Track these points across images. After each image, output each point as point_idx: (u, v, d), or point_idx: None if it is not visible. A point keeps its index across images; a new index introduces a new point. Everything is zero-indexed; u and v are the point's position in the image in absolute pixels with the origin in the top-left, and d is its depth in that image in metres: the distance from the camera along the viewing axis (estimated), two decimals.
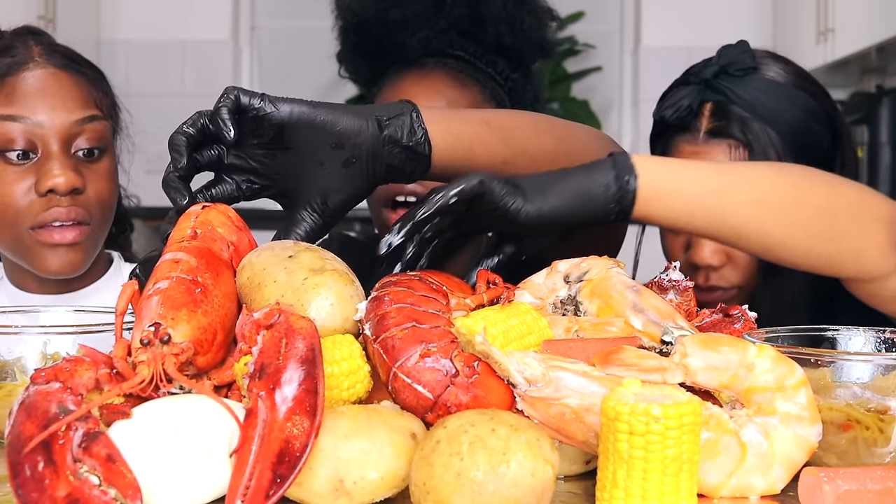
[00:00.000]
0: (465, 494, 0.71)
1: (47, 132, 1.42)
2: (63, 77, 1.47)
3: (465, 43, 1.67)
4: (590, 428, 0.79)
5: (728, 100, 1.41)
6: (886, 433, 0.87)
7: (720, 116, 1.41)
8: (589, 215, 1.00)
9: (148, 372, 0.80)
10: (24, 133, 1.41)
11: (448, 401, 0.81)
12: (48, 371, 0.77)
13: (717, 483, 0.80)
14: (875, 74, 4.35)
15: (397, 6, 1.65)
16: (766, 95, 1.42)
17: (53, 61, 1.48)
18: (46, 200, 1.41)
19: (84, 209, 1.43)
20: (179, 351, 0.82)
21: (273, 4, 5.11)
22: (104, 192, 1.47)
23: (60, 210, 1.41)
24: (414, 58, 1.66)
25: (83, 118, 1.45)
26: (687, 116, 1.43)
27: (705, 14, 4.70)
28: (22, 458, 0.71)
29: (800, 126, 1.41)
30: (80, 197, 1.43)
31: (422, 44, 1.65)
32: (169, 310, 0.84)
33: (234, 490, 0.71)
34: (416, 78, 1.64)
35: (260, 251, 0.95)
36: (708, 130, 1.41)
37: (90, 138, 1.45)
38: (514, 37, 1.68)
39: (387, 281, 0.93)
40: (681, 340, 0.84)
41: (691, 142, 1.42)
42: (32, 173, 1.42)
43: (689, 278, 1.08)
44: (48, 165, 1.41)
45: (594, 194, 1.00)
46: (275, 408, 0.74)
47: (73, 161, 1.44)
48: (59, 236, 1.42)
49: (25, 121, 1.41)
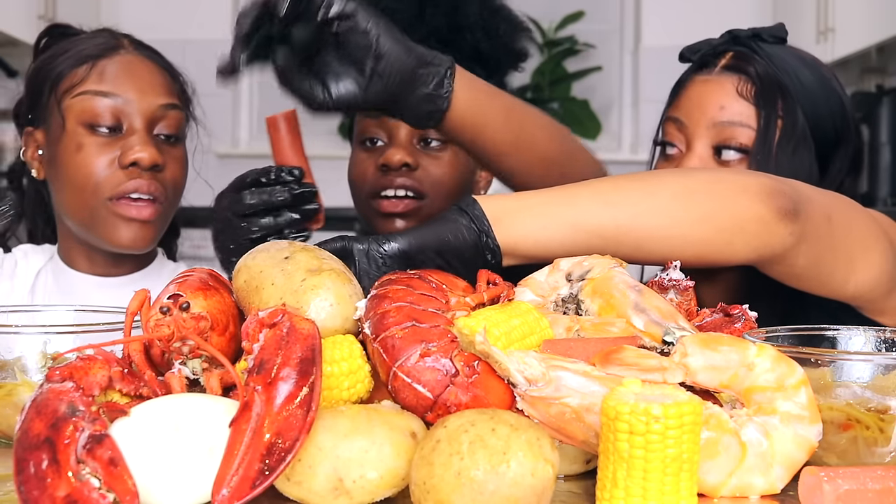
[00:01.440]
0: (465, 494, 0.71)
1: (134, 111, 1.51)
2: (150, 64, 1.57)
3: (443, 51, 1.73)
4: (590, 427, 0.79)
5: (753, 52, 1.43)
6: (886, 433, 0.87)
7: (740, 59, 1.42)
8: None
9: (169, 330, 0.84)
10: (113, 109, 1.50)
11: (448, 400, 0.81)
12: (63, 369, 0.78)
13: (718, 483, 0.80)
14: (875, 74, 4.35)
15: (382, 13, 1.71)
16: (791, 61, 1.44)
17: (141, 50, 1.58)
18: (128, 173, 1.49)
19: (161, 186, 1.51)
20: (198, 318, 0.86)
21: None
22: (178, 175, 1.56)
23: (141, 182, 1.49)
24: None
25: (166, 104, 1.54)
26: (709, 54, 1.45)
27: (705, 14, 4.69)
28: (27, 455, 0.72)
29: (814, 95, 1.41)
30: (159, 174, 1.51)
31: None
32: (186, 288, 0.88)
33: (222, 479, 0.72)
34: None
35: (255, 253, 0.95)
36: (724, 66, 1.42)
37: (170, 125, 1.54)
38: (490, 44, 1.75)
39: (386, 279, 0.92)
40: (681, 340, 0.84)
41: (705, 74, 1.43)
42: (117, 147, 1.50)
43: (689, 277, 1.08)
44: (132, 140, 1.50)
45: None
46: (269, 402, 0.75)
47: (155, 140, 1.53)
48: (135, 211, 1.49)
49: (116, 98, 1.51)
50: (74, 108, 1.51)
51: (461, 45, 1.73)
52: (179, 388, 0.84)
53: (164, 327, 0.84)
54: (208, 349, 0.83)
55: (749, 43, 1.44)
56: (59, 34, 1.63)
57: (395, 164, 1.66)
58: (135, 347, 0.86)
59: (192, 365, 0.86)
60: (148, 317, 0.86)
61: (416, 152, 1.69)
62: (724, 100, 1.38)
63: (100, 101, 1.50)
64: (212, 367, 0.87)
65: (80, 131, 1.50)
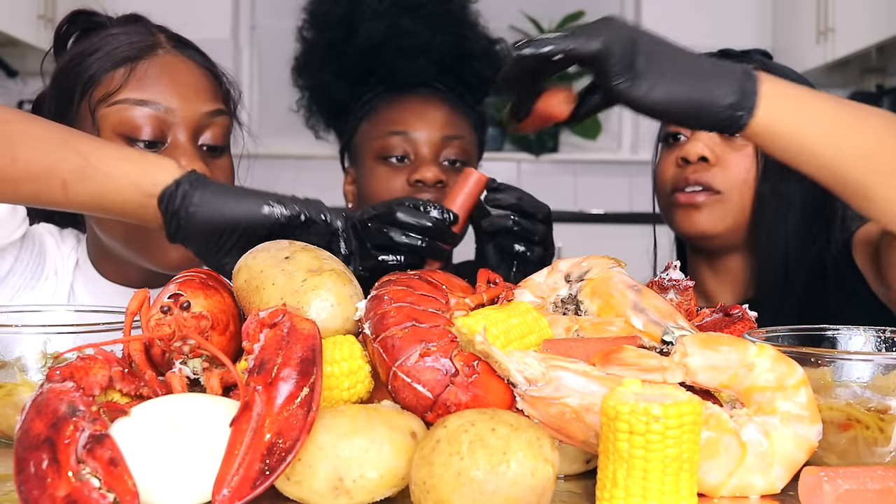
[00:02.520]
0: (465, 494, 0.71)
1: (177, 120, 1.34)
2: (193, 67, 1.40)
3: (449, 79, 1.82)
4: (590, 427, 0.79)
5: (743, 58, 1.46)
6: (886, 432, 0.87)
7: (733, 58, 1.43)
8: (702, 122, 1.02)
9: (170, 329, 0.83)
10: (154, 119, 1.33)
11: (448, 400, 0.81)
12: (63, 369, 0.78)
13: (718, 482, 0.80)
14: (875, 74, 4.35)
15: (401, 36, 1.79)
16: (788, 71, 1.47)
17: (181, 49, 1.41)
18: None
19: None
20: (200, 317, 0.85)
21: (273, 4, 5.11)
22: None
23: None
24: (409, 84, 1.79)
25: (213, 111, 1.38)
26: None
27: (705, 14, 4.70)
28: (27, 455, 0.72)
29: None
30: None
31: (419, 71, 1.79)
32: (187, 288, 0.88)
33: (222, 479, 0.72)
34: (417, 100, 1.78)
35: (256, 252, 0.95)
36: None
37: (216, 134, 1.39)
38: (494, 71, 1.81)
39: (386, 280, 0.93)
40: (681, 340, 0.84)
41: None
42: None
43: (689, 277, 1.08)
44: (175, 154, 1.33)
45: (711, 102, 1.00)
46: (270, 402, 0.75)
47: (200, 154, 1.36)
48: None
49: (157, 107, 1.33)
50: (111, 118, 1.33)
51: (465, 74, 1.81)
52: (180, 388, 0.84)
53: (165, 326, 0.84)
54: (209, 348, 0.83)
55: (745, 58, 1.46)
56: (83, 21, 1.45)
57: (430, 180, 1.71)
58: (135, 347, 0.86)
59: (193, 364, 0.86)
60: (148, 316, 0.86)
61: (445, 170, 1.74)
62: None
63: (139, 111, 1.33)
64: (212, 366, 0.87)
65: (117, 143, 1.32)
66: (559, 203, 4.95)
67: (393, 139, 1.75)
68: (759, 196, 1.46)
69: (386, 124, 1.77)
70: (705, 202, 1.48)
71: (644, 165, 1.66)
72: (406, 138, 1.74)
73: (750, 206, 1.47)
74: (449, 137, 1.75)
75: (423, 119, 1.76)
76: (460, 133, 1.77)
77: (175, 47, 1.41)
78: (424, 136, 1.74)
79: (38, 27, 4.10)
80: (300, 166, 4.84)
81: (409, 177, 1.72)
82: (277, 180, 5.75)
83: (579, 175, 4.97)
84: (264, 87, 5.12)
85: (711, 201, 1.47)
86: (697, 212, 1.48)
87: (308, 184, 4.80)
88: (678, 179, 1.50)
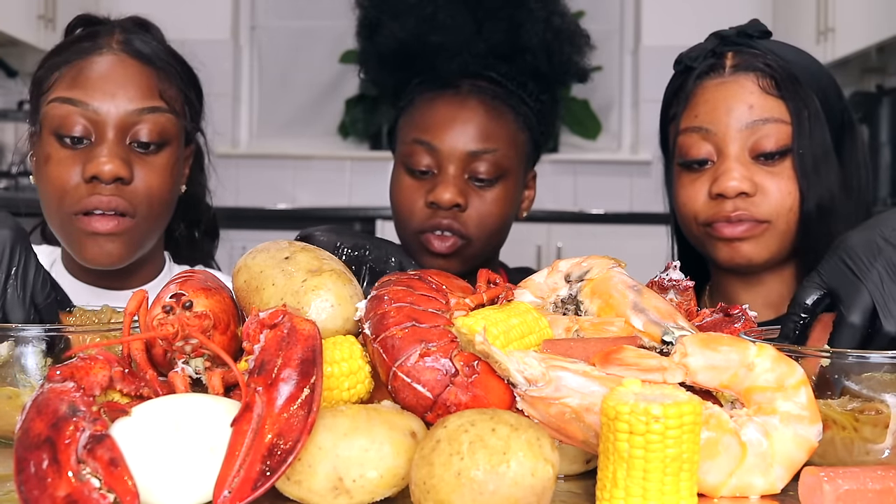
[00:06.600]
0: (465, 494, 0.71)
1: (103, 119, 1.39)
2: (130, 65, 1.43)
3: (499, 66, 1.68)
4: (590, 427, 0.79)
5: (749, 47, 1.42)
6: (861, 433, 0.86)
7: (745, 56, 1.41)
8: None
9: (173, 329, 0.84)
10: (82, 117, 1.38)
11: (448, 400, 0.81)
12: (64, 369, 0.78)
13: (718, 482, 0.81)
14: (875, 74, 4.35)
15: (437, 31, 1.67)
16: (789, 51, 1.43)
17: (127, 49, 1.44)
18: (91, 187, 1.37)
19: (127, 201, 1.39)
20: (202, 316, 0.85)
21: (273, 4, 5.11)
22: (155, 186, 1.42)
23: (101, 198, 1.37)
24: (449, 79, 1.67)
25: (144, 108, 1.41)
26: (710, 59, 1.43)
27: (705, 13, 4.68)
28: (28, 455, 0.72)
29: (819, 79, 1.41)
30: (126, 188, 1.39)
31: (459, 67, 1.66)
32: (188, 287, 0.88)
33: (223, 480, 0.72)
34: (452, 101, 1.65)
35: (255, 253, 0.95)
36: (733, 66, 1.40)
37: (150, 130, 1.41)
38: (551, 65, 1.69)
39: (386, 280, 0.93)
40: (681, 340, 0.84)
41: (717, 78, 1.41)
42: (84, 159, 1.38)
43: (688, 277, 1.08)
44: (97, 151, 1.38)
45: None
46: (271, 403, 0.75)
47: (125, 150, 1.40)
48: (98, 224, 1.38)
49: (84, 106, 1.39)
50: (48, 115, 1.40)
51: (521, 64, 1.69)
52: (184, 388, 0.84)
53: (169, 326, 0.84)
54: (212, 347, 0.83)
55: (745, 40, 1.43)
56: (84, 23, 1.51)
57: (445, 203, 1.59)
58: (137, 347, 0.86)
59: (195, 364, 0.86)
60: (151, 317, 0.86)
61: (467, 189, 1.62)
62: (750, 98, 1.37)
63: (66, 109, 1.38)
64: (214, 365, 0.87)
65: (50, 141, 1.40)
66: (559, 203, 4.96)
67: (417, 150, 1.63)
68: (804, 216, 1.38)
69: (415, 129, 1.66)
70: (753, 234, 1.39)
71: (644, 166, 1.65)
72: (430, 150, 1.62)
73: (795, 228, 1.39)
74: (478, 153, 1.61)
75: (452, 129, 1.62)
76: (493, 146, 1.62)
77: (123, 48, 1.44)
78: (450, 150, 1.61)
79: (38, 27, 4.11)
80: (300, 166, 4.83)
81: (427, 196, 1.61)
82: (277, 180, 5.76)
83: (579, 175, 4.97)
84: (264, 87, 5.11)
85: (759, 232, 1.38)
86: (743, 243, 1.39)
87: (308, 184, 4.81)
88: (717, 214, 1.39)
